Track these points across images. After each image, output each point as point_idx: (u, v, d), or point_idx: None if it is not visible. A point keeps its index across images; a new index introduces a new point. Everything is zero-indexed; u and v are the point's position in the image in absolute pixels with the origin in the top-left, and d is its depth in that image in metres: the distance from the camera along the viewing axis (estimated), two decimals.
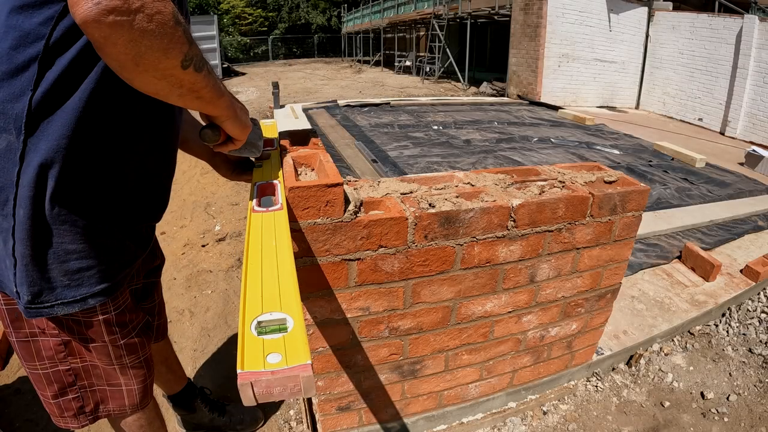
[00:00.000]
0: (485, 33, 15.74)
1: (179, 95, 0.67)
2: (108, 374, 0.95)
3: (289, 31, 26.62)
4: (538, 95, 7.61)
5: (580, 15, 7.34)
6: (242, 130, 0.85)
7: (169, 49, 0.59)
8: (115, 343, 0.91)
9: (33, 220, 0.71)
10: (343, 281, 1.06)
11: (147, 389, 1.03)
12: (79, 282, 0.78)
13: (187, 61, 0.63)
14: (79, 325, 0.85)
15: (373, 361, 1.22)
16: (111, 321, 0.88)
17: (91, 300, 0.81)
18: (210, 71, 0.70)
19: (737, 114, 6.04)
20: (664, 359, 1.88)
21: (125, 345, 0.93)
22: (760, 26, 5.68)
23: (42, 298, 0.76)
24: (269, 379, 0.49)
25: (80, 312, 0.82)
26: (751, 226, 2.94)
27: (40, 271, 0.75)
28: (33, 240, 0.72)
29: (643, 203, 1.29)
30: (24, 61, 0.65)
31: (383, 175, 3.60)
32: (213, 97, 0.73)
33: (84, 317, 0.84)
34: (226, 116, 0.79)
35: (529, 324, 1.37)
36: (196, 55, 0.64)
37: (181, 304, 2.26)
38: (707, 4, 7.75)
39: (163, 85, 0.63)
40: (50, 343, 0.86)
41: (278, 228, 0.78)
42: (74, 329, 0.86)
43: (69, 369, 0.90)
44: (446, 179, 1.25)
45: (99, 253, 0.80)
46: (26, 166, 0.69)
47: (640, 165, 4.07)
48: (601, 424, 1.57)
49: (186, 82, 0.65)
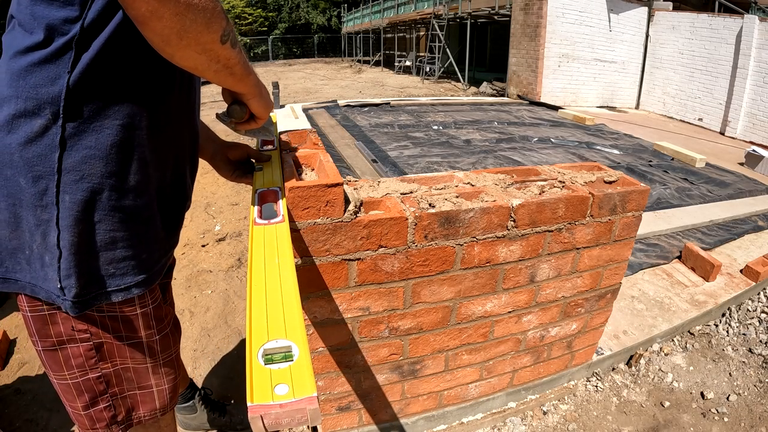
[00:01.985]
0: (485, 33, 15.75)
1: (216, 71, 0.69)
2: (139, 375, 0.92)
3: (289, 31, 26.63)
4: (538, 95, 7.61)
5: (580, 15, 7.34)
6: (266, 109, 0.87)
7: (211, 22, 0.61)
8: (151, 338, 0.89)
9: (81, 205, 0.70)
10: (343, 281, 1.06)
11: (176, 388, 1.01)
12: (124, 270, 0.77)
13: (225, 36, 0.65)
14: (116, 322, 0.83)
15: (373, 361, 1.22)
16: (149, 314, 0.87)
17: (135, 289, 0.80)
18: (242, 49, 0.72)
19: (737, 114, 6.04)
20: (664, 359, 1.88)
21: (160, 341, 0.92)
22: (760, 26, 5.68)
23: (90, 289, 0.75)
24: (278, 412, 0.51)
25: (119, 305, 0.81)
26: (751, 226, 2.94)
27: (89, 259, 0.73)
28: (82, 227, 0.70)
29: (643, 203, 1.29)
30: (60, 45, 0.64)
31: (383, 175, 3.60)
32: (244, 73, 0.74)
33: (123, 311, 0.83)
34: (253, 94, 0.80)
35: (529, 324, 1.37)
36: (232, 30, 0.66)
37: (181, 304, 2.26)
38: (707, 4, 7.76)
39: (202, 59, 0.65)
40: (80, 349, 0.82)
41: (280, 243, 0.77)
42: (109, 327, 0.83)
43: (100, 376, 0.86)
44: (446, 179, 1.25)
45: (141, 241, 0.79)
46: (70, 149, 0.68)
47: (640, 165, 4.07)
48: (601, 424, 1.57)
49: (222, 57, 0.67)
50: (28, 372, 1.80)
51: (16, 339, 1.99)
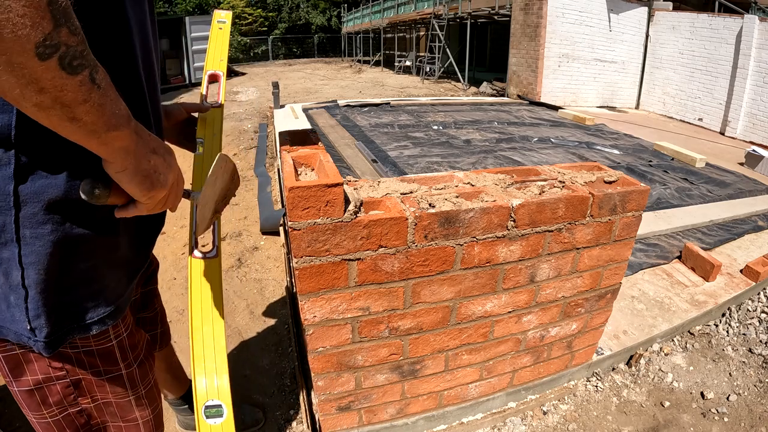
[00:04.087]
0: (485, 33, 15.76)
1: (38, 104, 0.45)
2: (123, 409, 0.87)
3: (289, 31, 26.63)
4: (538, 95, 7.61)
5: (580, 15, 7.34)
6: (147, 193, 0.62)
7: (16, 19, 0.39)
8: (129, 368, 0.85)
9: (44, 239, 0.62)
10: (343, 281, 1.06)
11: (160, 415, 0.98)
12: (95, 302, 0.72)
13: (48, 47, 0.42)
14: (92, 357, 0.77)
15: (373, 361, 1.22)
16: (124, 344, 0.82)
17: (109, 320, 0.75)
18: (101, 84, 0.49)
19: (737, 114, 6.04)
20: (664, 359, 1.88)
21: (138, 370, 0.87)
22: (760, 26, 5.68)
23: (61, 326, 0.69)
24: None
25: (93, 339, 0.76)
26: (751, 226, 2.94)
27: (58, 296, 0.67)
28: (47, 263, 0.63)
29: (643, 203, 1.29)
30: None
31: (383, 175, 3.60)
32: (97, 124, 0.50)
33: (98, 345, 0.77)
34: (118, 164, 0.57)
35: (529, 324, 1.37)
36: (68, 45, 0.44)
37: (181, 304, 2.26)
38: (707, 4, 7.75)
39: (9, 80, 0.42)
40: (58, 387, 0.77)
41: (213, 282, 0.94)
42: (86, 363, 0.77)
43: (81, 410, 0.82)
44: (446, 179, 1.25)
45: (110, 269, 0.74)
46: (26, 180, 0.59)
47: (640, 165, 4.07)
48: (601, 424, 1.57)
49: (48, 84, 0.44)
50: None
51: None
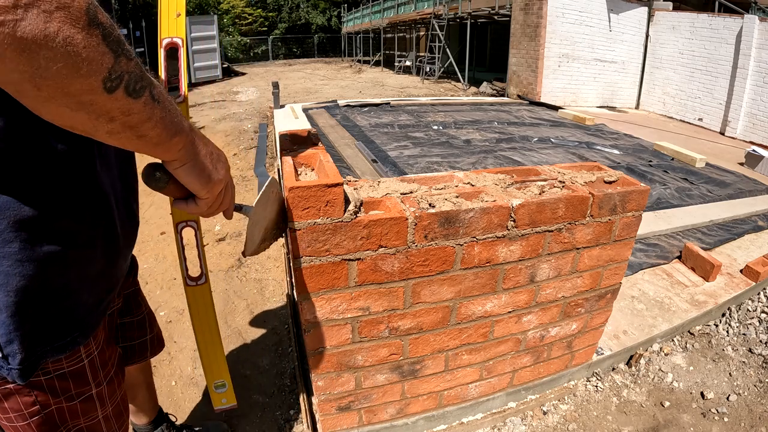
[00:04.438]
0: (485, 33, 15.75)
1: (109, 132, 0.48)
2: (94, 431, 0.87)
3: (289, 31, 26.63)
4: (538, 95, 7.61)
5: (580, 15, 7.34)
6: (205, 186, 0.64)
7: (82, 63, 0.41)
8: (99, 387, 0.83)
9: (11, 258, 0.60)
10: (343, 281, 1.06)
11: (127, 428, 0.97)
12: (67, 321, 0.70)
13: (113, 80, 0.45)
14: (64, 380, 0.75)
15: (373, 361, 1.22)
16: (95, 363, 0.80)
17: (81, 339, 0.72)
18: (159, 98, 0.51)
19: (737, 114, 6.04)
20: (664, 359, 1.88)
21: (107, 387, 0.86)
22: (760, 26, 5.68)
23: (34, 350, 0.66)
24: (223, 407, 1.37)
25: (66, 360, 0.73)
26: (751, 226, 2.94)
27: (30, 317, 0.64)
28: (17, 283, 0.61)
29: (643, 203, 1.29)
30: None
31: (383, 175, 3.60)
32: (163, 135, 0.54)
33: (70, 366, 0.75)
34: (181, 161, 0.60)
35: (529, 324, 1.37)
36: (130, 72, 0.46)
37: (181, 305, 2.26)
38: (707, 4, 7.75)
39: (80, 117, 0.45)
40: (31, 426, 0.75)
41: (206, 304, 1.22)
42: (58, 389, 0.75)
43: None
44: (446, 179, 1.25)
45: (84, 284, 0.71)
46: None
47: (640, 165, 4.07)
48: (601, 424, 1.57)
49: (117, 114, 0.47)
50: None
51: None
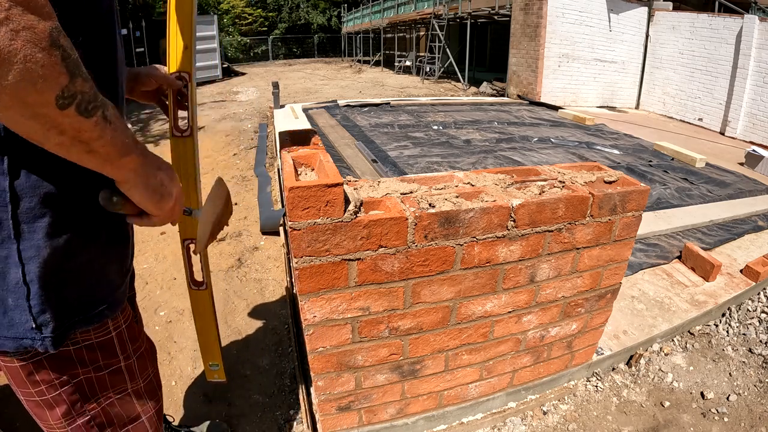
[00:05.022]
0: (485, 33, 15.76)
1: (60, 144, 0.53)
2: (125, 407, 0.89)
3: (289, 31, 26.64)
4: (538, 95, 7.61)
5: (580, 15, 7.34)
6: (157, 204, 0.69)
7: (37, 78, 0.47)
8: (128, 361, 0.87)
9: (44, 231, 0.64)
10: (343, 281, 1.06)
11: (161, 412, 1.00)
12: (95, 294, 0.74)
13: (66, 98, 0.50)
14: (92, 351, 0.80)
15: (373, 361, 1.22)
16: (123, 337, 0.85)
17: (108, 311, 0.78)
18: (112, 120, 0.57)
19: (737, 114, 6.04)
20: (664, 359, 1.88)
21: (137, 362, 0.89)
22: (760, 26, 5.68)
23: (65, 319, 0.70)
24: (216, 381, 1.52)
25: (94, 332, 0.78)
26: (751, 226, 2.94)
27: (60, 287, 0.68)
28: (47, 255, 0.65)
29: (643, 203, 1.29)
30: None
31: (383, 175, 3.60)
32: (112, 154, 0.58)
33: (98, 338, 0.80)
34: (130, 182, 0.64)
35: (529, 324, 1.37)
36: (83, 93, 0.52)
37: (181, 304, 2.26)
38: (707, 4, 7.75)
39: (34, 126, 0.51)
40: (63, 396, 0.79)
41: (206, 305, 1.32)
42: (86, 359, 0.79)
43: (89, 420, 0.84)
44: (446, 179, 1.25)
45: (108, 261, 0.76)
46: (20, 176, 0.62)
47: (640, 165, 4.07)
48: (601, 424, 1.57)
49: (67, 128, 0.52)
50: None
51: None
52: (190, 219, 0.97)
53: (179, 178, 0.79)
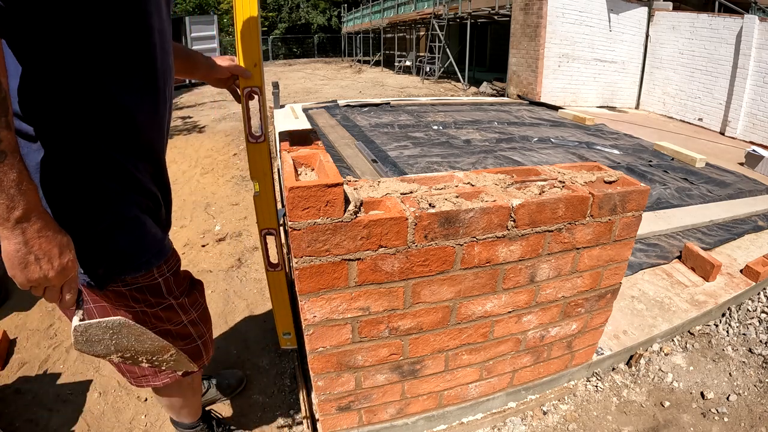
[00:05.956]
0: (485, 33, 15.75)
1: None
2: (181, 335, 1.07)
3: (289, 31, 26.63)
4: (538, 95, 7.61)
5: (580, 15, 7.34)
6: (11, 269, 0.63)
7: None
8: (177, 299, 1.02)
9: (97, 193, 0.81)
10: (343, 281, 1.06)
11: (212, 336, 1.20)
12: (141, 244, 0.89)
13: None
14: (141, 293, 0.94)
15: (373, 361, 1.22)
16: (170, 283, 0.99)
17: (154, 260, 0.92)
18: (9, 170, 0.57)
19: (737, 114, 6.04)
20: (664, 359, 1.88)
21: (188, 298, 1.06)
22: (760, 26, 5.68)
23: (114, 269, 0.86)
24: None
25: (141, 277, 0.91)
26: (751, 226, 2.94)
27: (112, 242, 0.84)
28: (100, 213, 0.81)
29: (643, 203, 1.29)
30: None
31: (383, 175, 3.60)
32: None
33: (145, 282, 0.93)
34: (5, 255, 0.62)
35: (529, 324, 1.37)
36: None
37: None
38: (707, 4, 7.75)
39: None
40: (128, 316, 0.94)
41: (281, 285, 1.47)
42: (138, 298, 0.94)
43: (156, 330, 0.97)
44: (446, 179, 1.25)
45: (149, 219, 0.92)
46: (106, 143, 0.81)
47: (640, 165, 4.07)
48: (601, 424, 1.57)
49: None
50: (28, 372, 1.80)
51: (16, 339, 1.99)
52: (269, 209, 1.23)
53: (257, 177, 0.94)
